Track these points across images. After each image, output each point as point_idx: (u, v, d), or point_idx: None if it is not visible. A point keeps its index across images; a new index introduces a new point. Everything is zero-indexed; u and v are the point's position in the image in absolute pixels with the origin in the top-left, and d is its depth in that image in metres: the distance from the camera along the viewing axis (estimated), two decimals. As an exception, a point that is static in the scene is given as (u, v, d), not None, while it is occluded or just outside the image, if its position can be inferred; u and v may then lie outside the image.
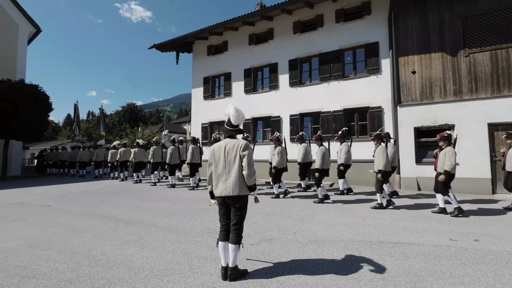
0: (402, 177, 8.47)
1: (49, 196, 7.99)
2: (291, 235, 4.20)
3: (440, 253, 3.40)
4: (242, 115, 2.99)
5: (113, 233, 4.41)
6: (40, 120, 14.60)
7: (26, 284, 2.76)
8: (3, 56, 16.67)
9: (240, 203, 2.85)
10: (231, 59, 12.63)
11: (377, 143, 5.88)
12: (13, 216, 5.69)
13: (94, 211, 6.01)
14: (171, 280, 2.79)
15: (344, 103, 9.78)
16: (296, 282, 2.72)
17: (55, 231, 4.56)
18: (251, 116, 11.86)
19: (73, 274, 2.95)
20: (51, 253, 3.57)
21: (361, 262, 3.16)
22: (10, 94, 12.89)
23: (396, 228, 4.46)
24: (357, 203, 6.45)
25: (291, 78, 10.97)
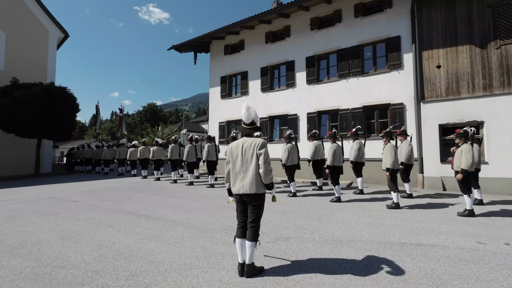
0: (425, 176, 8.11)
1: (77, 192, 8.47)
2: (308, 234, 4.17)
3: (466, 257, 3.24)
4: (254, 113, 3.00)
5: (136, 228, 4.61)
6: (69, 120, 15.48)
7: (58, 273, 2.96)
8: (35, 60, 17.84)
9: (257, 201, 2.88)
10: (247, 58, 12.68)
11: (386, 140, 5.70)
12: (46, 210, 6.09)
13: (118, 206, 6.30)
14: (190, 274, 2.87)
15: (364, 100, 9.50)
16: (312, 281, 2.71)
17: (83, 225, 4.84)
18: (268, 115, 11.85)
19: (99, 266, 3.12)
20: (79, 245, 3.80)
21: (381, 264, 3.08)
22: (41, 97, 13.77)
23: (418, 230, 4.30)
24: (377, 202, 6.26)
25: (308, 75, 10.82)
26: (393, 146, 5.79)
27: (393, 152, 5.66)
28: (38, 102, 13.61)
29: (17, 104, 13.35)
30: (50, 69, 18.81)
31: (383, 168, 5.75)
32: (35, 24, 18.24)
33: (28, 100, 13.47)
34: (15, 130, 14.07)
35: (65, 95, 15.29)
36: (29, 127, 13.85)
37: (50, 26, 19.04)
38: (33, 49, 17.91)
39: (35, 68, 17.43)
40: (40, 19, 18.50)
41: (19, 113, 13.38)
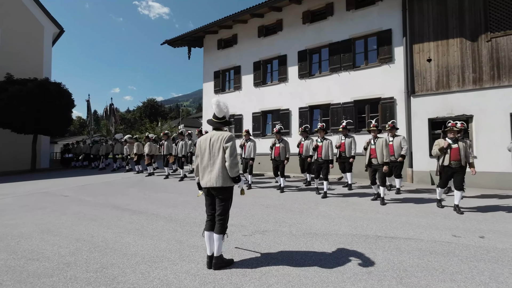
0: (414, 170, 8.11)
1: (69, 187, 8.53)
2: (287, 227, 4.20)
3: (437, 249, 3.26)
4: (226, 108, 3.02)
5: (118, 221, 4.65)
6: (64, 115, 15.49)
7: (30, 265, 3.00)
8: (30, 56, 17.77)
9: (224, 194, 2.89)
10: (240, 52, 12.60)
11: (375, 134, 5.64)
12: (35, 204, 6.14)
13: (107, 201, 6.34)
14: (159, 267, 2.91)
15: (355, 95, 9.46)
16: (279, 273, 2.74)
17: (67, 219, 4.88)
18: (260, 110, 11.82)
19: (72, 258, 3.16)
20: (58, 238, 3.84)
21: (351, 256, 3.11)
22: (36, 92, 13.76)
23: (397, 223, 4.32)
24: (363, 197, 6.28)
25: (300, 70, 10.75)
26: (387, 140, 5.72)
27: (387, 147, 5.57)
28: (32, 98, 13.60)
29: (12, 100, 13.35)
30: (46, 65, 18.75)
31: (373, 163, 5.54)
32: (30, 19, 18.12)
33: (23, 96, 13.47)
34: (11, 126, 14.09)
35: (60, 91, 15.27)
36: (24, 123, 13.88)
37: (45, 21, 18.92)
38: (28, 44, 17.82)
39: (30, 64, 17.37)
40: (35, 14, 18.37)
41: (14, 109, 13.39)
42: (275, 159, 7.07)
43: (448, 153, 4.85)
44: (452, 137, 4.93)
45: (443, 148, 4.87)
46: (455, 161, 4.80)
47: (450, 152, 4.83)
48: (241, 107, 12.41)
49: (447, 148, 4.84)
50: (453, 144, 4.87)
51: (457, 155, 4.79)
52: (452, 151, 4.83)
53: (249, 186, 7.56)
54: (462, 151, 4.82)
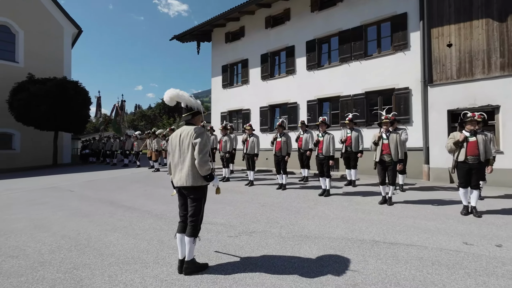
0: (431, 167, 7.44)
1: (78, 182, 8.77)
2: (277, 228, 3.92)
3: (442, 259, 2.84)
4: (183, 97, 2.75)
5: (109, 218, 4.61)
6: (81, 113, 16.07)
7: (6, 263, 2.97)
8: (51, 56, 18.55)
9: (195, 194, 2.67)
10: (248, 45, 12.26)
11: (387, 128, 5.12)
12: (39, 199, 6.32)
13: (106, 197, 6.39)
14: (130, 269, 2.76)
15: (366, 86, 8.84)
16: (253, 281, 2.49)
17: (63, 214, 4.93)
18: (268, 104, 11.47)
19: (50, 257, 3.10)
20: (45, 235, 3.83)
21: (338, 264, 2.78)
22: (54, 91, 14.36)
23: (401, 226, 3.89)
24: (368, 196, 5.82)
25: (309, 61, 10.24)
26: (400, 135, 5.21)
27: (401, 142, 5.06)
28: (51, 97, 14.21)
29: (33, 99, 14.03)
30: (66, 64, 19.52)
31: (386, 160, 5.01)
32: (50, 21, 18.87)
33: (43, 95, 14.10)
34: (33, 123, 14.86)
35: (77, 89, 15.84)
36: (45, 121, 14.57)
37: (65, 22, 19.62)
38: (49, 45, 18.60)
39: (51, 63, 18.14)
40: (55, 16, 19.09)
41: (35, 107, 14.07)
42: (276, 154, 6.76)
43: (464, 147, 4.29)
44: (471, 130, 4.35)
45: (458, 142, 4.31)
46: (472, 156, 4.23)
47: (467, 146, 4.27)
48: (249, 102, 12.14)
49: (462, 142, 4.28)
50: (471, 137, 4.30)
51: (474, 149, 4.22)
52: (469, 145, 4.27)
53: (251, 183, 7.32)
54: (481, 145, 4.24)
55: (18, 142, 16.94)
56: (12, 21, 17.13)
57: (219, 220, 4.38)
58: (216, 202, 5.49)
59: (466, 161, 4.29)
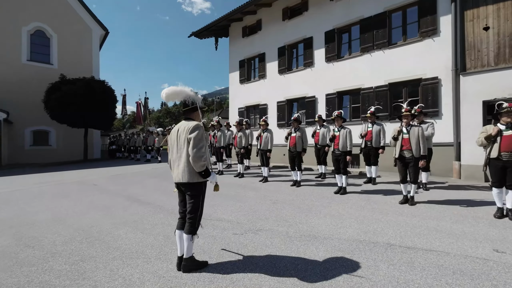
0: (463, 164, 6.79)
1: (102, 177, 9.22)
2: (285, 227, 3.77)
3: (466, 268, 2.52)
4: (182, 92, 2.67)
5: (122, 212, 4.74)
6: (108, 110, 16.89)
7: (23, 253, 3.14)
8: (81, 58, 19.65)
9: (192, 190, 2.60)
10: (265, 39, 12.02)
11: (408, 121, 4.69)
12: (64, 192, 6.71)
13: (124, 191, 6.62)
14: (131, 264, 2.78)
15: (390, 77, 8.25)
16: (251, 282, 2.38)
17: (80, 208, 5.16)
18: (285, 98, 11.20)
19: (61, 248, 3.23)
20: (61, 227, 4.02)
21: (345, 268, 2.58)
22: (83, 91, 15.21)
23: (422, 229, 3.55)
24: (389, 195, 5.44)
25: (328, 52, 9.79)
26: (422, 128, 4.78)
27: (423, 136, 4.65)
28: (80, 96, 15.08)
29: (64, 98, 14.99)
30: (94, 65, 20.59)
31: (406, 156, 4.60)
32: (80, 24, 19.95)
33: (73, 94, 15.01)
34: (65, 121, 15.91)
35: (104, 88, 16.66)
36: (75, 119, 15.53)
37: (93, 24, 20.64)
38: (79, 47, 19.70)
39: (80, 65, 19.23)
40: (84, 18, 20.17)
41: (66, 106, 15.02)
42: (290, 150, 6.54)
43: (498, 142, 3.80)
44: (507, 122, 3.84)
45: (491, 136, 3.83)
46: (507, 152, 3.73)
47: (501, 141, 3.78)
48: (266, 96, 11.95)
49: (495, 136, 3.80)
50: (506, 130, 3.80)
51: (510, 144, 3.72)
52: (503, 139, 3.77)
53: (265, 180, 7.19)
54: None
55: (54, 138, 18.26)
56: (47, 25, 18.36)
57: (227, 216, 4.32)
58: (228, 198, 5.45)
59: (499, 157, 3.80)
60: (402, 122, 4.72)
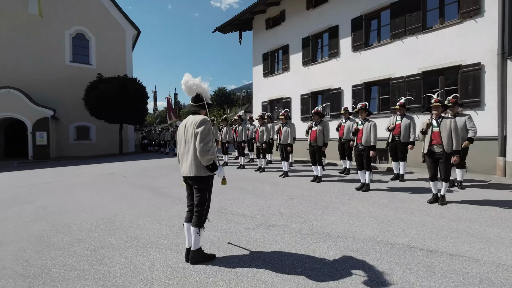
0: (508, 161, 6.03)
1: (132, 169, 9.80)
2: (299, 223, 3.68)
3: (496, 278, 2.24)
4: (193, 85, 2.67)
5: (144, 203, 5.00)
6: (139, 106, 17.88)
7: (54, 237, 3.45)
8: (116, 57, 20.88)
9: (199, 184, 2.63)
10: (288, 30, 11.70)
11: (439, 112, 4.25)
12: (97, 184, 7.24)
13: (149, 183, 6.96)
14: (144, 253, 2.91)
15: (424, 64, 7.55)
16: (254, 278, 2.36)
17: (109, 198, 5.53)
18: (309, 91, 10.85)
19: (86, 235, 3.49)
20: (89, 216, 4.34)
21: (356, 269, 2.44)
22: (117, 89, 16.24)
23: (450, 231, 3.23)
24: (418, 193, 5.03)
25: (354, 41, 9.24)
26: (456, 121, 4.34)
27: (456, 129, 4.21)
28: (115, 94, 16.12)
29: (101, 96, 16.16)
30: (128, 63, 21.81)
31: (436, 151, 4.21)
32: (114, 25, 21.17)
33: (108, 92, 16.11)
34: (103, 118, 17.16)
35: (135, 86, 17.62)
36: (111, 115, 16.68)
37: (126, 25, 21.79)
38: (114, 47, 20.95)
39: (115, 64, 20.47)
40: (118, 20, 21.37)
41: (103, 104, 16.18)
42: (311, 144, 6.34)
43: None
44: None
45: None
46: None
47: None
48: (289, 89, 11.69)
49: None
50: None
51: None
52: None
53: (285, 175, 7.09)
54: None
55: (93, 133, 19.83)
56: (86, 28, 19.79)
57: (241, 210, 4.33)
58: (245, 193, 5.47)
59: None
60: (432, 114, 4.30)
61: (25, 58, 17.34)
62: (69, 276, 2.46)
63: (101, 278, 2.42)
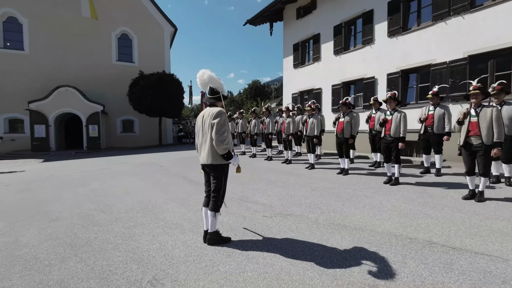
0: None
1: (169, 159, 10.54)
2: (316, 214, 3.71)
3: (523, 280, 2.07)
4: (209, 78, 2.82)
5: (176, 189, 5.42)
6: (176, 100, 18.94)
7: (97, 216, 3.97)
8: (155, 55, 22.22)
9: (215, 172, 2.82)
10: (320, 18, 11.30)
11: (478, 100, 3.84)
12: (137, 172, 7.98)
13: (182, 172, 7.47)
14: (169, 233, 3.23)
15: (471, 47, 6.77)
16: (264, 261, 2.50)
17: (145, 184, 6.10)
18: (341, 81, 10.44)
19: (123, 215, 3.95)
20: (128, 198, 4.87)
21: (366, 259, 2.44)
22: (156, 84, 17.39)
23: (481, 229, 3.00)
24: (452, 189, 4.66)
25: (391, 25, 8.60)
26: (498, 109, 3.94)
27: (498, 119, 3.83)
28: (153, 89, 17.31)
29: (142, 91, 17.48)
30: (166, 59, 23.09)
31: (473, 144, 3.87)
32: (154, 24, 22.47)
33: (148, 87, 17.36)
34: (144, 111, 18.57)
35: (172, 81, 18.67)
36: (151, 109, 17.97)
37: (164, 23, 22.98)
38: (154, 44, 22.30)
39: (154, 61, 21.82)
40: (157, 19, 22.62)
41: (144, 98, 17.50)
42: (337, 136, 6.20)
43: None
44: None
45: None
46: None
47: None
48: (320, 80, 11.37)
49: None
50: None
51: None
52: None
53: (312, 167, 7.04)
54: None
55: (137, 126, 21.58)
56: (129, 29, 21.35)
57: (262, 200, 4.47)
58: (269, 183, 5.60)
59: None
60: (471, 103, 3.92)
61: (78, 59, 19.41)
62: (105, 248, 2.86)
63: (130, 251, 2.77)
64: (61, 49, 18.95)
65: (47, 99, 17.33)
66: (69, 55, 19.14)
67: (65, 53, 19.05)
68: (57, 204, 4.68)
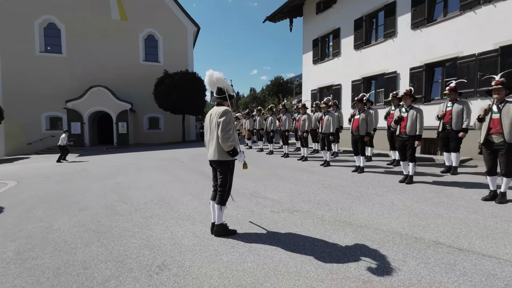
0: None
1: (189, 155, 10.98)
2: (323, 211, 3.75)
3: (530, 284, 1.99)
4: (217, 79, 2.97)
5: (193, 184, 5.70)
6: (199, 98, 19.50)
7: (118, 207, 4.34)
8: (179, 54, 22.98)
9: (222, 167, 2.98)
10: (340, 12, 11.00)
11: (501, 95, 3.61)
12: (159, 166, 8.44)
13: (200, 167, 7.79)
14: (181, 224, 3.47)
15: (502, 38, 6.26)
16: (265, 253, 2.64)
17: (166, 178, 6.46)
18: (361, 76, 10.13)
19: (142, 206, 4.29)
20: (148, 191, 5.23)
21: (366, 256, 2.48)
22: (179, 82, 18.04)
23: (496, 232, 2.88)
24: (471, 188, 4.43)
25: (414, 17, 8.17)
26: None
27: None
28: (177, 87, 17.98)
29: (167, 90, 18.24)
30: (189, 58, 23.80)
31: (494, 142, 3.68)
32: (178, 24, 23.21)
33: (172, 86, 18.06)
34: (168, 109, 19.37)
35: (195, 79, 19.24)
36: (175, 106, 18.70)
37: (187, 23, 23.65)
38: (177, 44, 23.07)
39: (178, 60, 22.59)
40: (181, 19, 23.33)
41: (168, 96, 18.25)
42: (353, 133, 6.10)
43: None
44: None
45: None
46: None
47: None
48: (340, 76, 11.12)
49: None
50: None
51: None
52: None
53: (327, 164, 7.00)
54: None
55: (162, 123, 22.58)
56: (155, 30, 22.27)
57: (272, 195, 4.59)
58: (281, 180, 5.69)
59: None
60: (493, 99, 3.70)
61: (109, 60, 20.67)
62: (124, 235, 3.16)
63: (145, 239, 3.04)
64: (94, 51, 20.31)
65: (81, 99, 18.74)
66: (101, 57, 20.46)
67: (98, 54, 20.39)
68: (86, 195, 5.17)
